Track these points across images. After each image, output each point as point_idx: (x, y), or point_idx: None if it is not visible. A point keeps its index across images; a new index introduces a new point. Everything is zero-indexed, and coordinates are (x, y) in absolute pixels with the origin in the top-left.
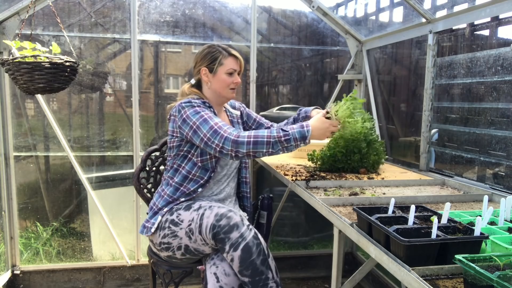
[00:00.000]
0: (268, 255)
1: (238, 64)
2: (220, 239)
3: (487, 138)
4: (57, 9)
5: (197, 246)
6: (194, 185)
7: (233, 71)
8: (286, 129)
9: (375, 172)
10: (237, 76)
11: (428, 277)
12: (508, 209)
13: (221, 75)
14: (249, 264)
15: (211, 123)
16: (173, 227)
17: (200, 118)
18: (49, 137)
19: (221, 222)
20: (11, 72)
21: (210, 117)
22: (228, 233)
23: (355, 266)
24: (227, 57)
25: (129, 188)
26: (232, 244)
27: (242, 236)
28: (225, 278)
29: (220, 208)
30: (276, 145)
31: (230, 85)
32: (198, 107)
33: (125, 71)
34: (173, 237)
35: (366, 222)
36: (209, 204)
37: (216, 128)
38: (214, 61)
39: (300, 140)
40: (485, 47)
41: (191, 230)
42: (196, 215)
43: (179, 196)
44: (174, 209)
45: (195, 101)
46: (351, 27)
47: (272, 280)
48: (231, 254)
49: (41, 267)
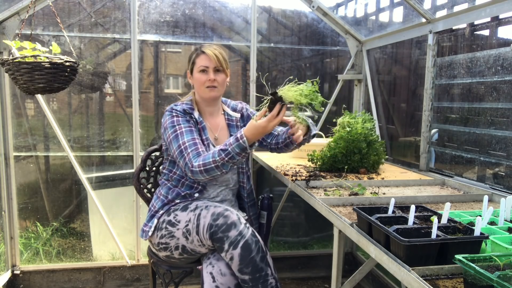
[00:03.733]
0: (266, 252)
1: (210, 60)
2: (218, 238)
3: (487, 138)
4: (57, 9)
5: (193, 246)
6: (188, 189)
7: (204, 68)
8: (225, 148)
9: (375, 172)
10: (211, 74)
11: (428, 277)
12: (508, 209)
13: (195, 74)
14: (249, 262)
15: (179, 141)
16: (170, 228)
17: (173, 133)
18: (49, 137)
19: (218, 221)
20: (11, 72)
21: (182, 133)
22: (226, 231)
23: (355, 266)
24: (199, 55)
25: (129, 188)
26: (232, 242)
27: (241, 234)
28: (221, 277)
29: (217, 207)
30: (225, 166)
31: (204, 83)
32: (176, 117)
33: (125, 71)
34: (170, 238)
35: (366, 222)
36: (205, 204)
37: (182, 149)
38: (190, 62)
39: (243, 152)
40: (485, 47)
41: (188, 230)
42: (193, 216)
43: (174, 197)
44: (172, 210)
45: (176, 108)
46: (351, 27)
47: (271, 276)
48: (230, 253)
49: (41, 267)
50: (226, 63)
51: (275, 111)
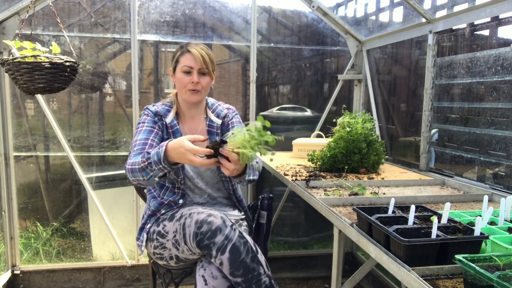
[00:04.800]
0: (257, 251)
1: (195, 61)
2: (205, 246)
3: (487, 138)
4: (57, 9)
5: (185, 255)
6: (171, 195)
7: (188, 68)
8: (149, 151)
9: (375, 172)
10: (194, 76)
11: (428, 277)
12: (508, 209)
13: (178, 74)
14: (240, 264)
15: (134, 138)
16: (160, 239)
17: (136, 129)
18: (49, 137)
19: (203, 229)
20: (11, 72)
21: (140, 131)
22: (211, 238)
23: (355, 266)
24: (184, 53)
25: (129, 188)
26: (219, 248)
27: (227, 238)
28: (212, 281)
29: (200, 214)
30: (145, 171)
31: (186, 85)
32: (146, 116)
33: (125, 71)
34: (162, 249)
35: (366, 222)
36: (190, 211)
37: (133, 145)
38: (174, 60)
39: (159, 163)
40: (485, 47)
41: (177, 241)
42: (179, 226)
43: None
44: (160, 220)
45: (150, 108)
46: (351, 27)
47: (264, 274)
48: (219, 258)
49: (41, 267)
50: (212, 65)
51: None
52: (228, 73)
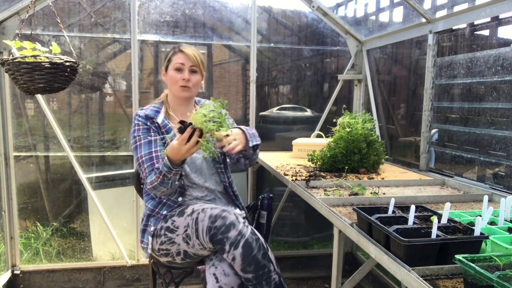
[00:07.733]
0: (267, 248)
1: (187, 59)
2: (219, 240)
3: (487, 138)
4: (57, 9)
5: (195, 250)
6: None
7: (180, 65)
8: (158, 166)
9: (375, 172)
10: (186, 73)
11: (428, 277)
12: (508, 209)
13: (170, 72)
14: (252, 260)
15: (138, 154)
16: (169, 234)
17: (133, 144)
18: (49, 137)
19: (217, 223)
20: (11, 72)
21: (140, 145)
22: (225, 232)
23: (355, 266)
24: (176, 53)
25: (129, 188)
26: (232, 243)
27: (241, 233)
28: (224, 278)
29: (213, 209)
30: (164, 183)
31: (178, 81)
32: (137, 125)
33: (125, 71)
34: (170, 244)
35: (366, 222)
36: (202, 206)
37: (139, 163)
38: (166, 59)
39: (170, 170)
40: (485, 47)
41: (188, 235)
42: (191, 220)
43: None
44: (168, 216)
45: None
46: (351, 27)
47: (274, 272)
48: (232, 253)
49: (41, 267)
50: (203, 65)
51: (186, 134)
52: (228, 73)
